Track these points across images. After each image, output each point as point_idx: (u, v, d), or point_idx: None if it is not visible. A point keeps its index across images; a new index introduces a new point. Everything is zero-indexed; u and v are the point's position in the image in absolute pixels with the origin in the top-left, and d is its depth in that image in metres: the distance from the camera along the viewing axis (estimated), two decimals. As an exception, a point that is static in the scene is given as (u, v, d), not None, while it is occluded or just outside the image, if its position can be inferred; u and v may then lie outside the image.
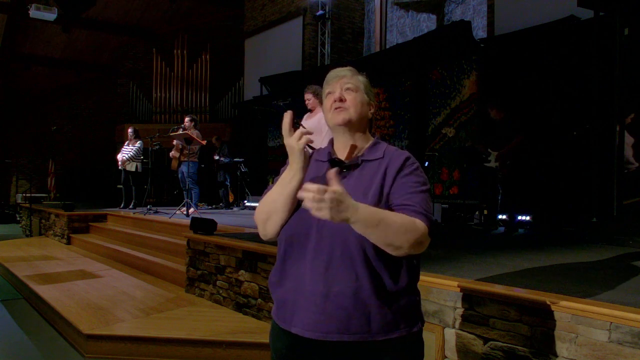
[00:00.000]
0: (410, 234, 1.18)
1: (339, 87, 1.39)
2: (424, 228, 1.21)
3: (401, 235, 1.17)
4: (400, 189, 1.28)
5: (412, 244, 1.18)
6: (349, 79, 1.40)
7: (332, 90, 1.40)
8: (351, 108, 1.37)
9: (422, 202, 1.26)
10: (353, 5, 10.39)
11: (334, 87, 1.40)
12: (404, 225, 1.19)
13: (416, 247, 1.20)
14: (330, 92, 1.41)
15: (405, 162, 1.32)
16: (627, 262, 3.25)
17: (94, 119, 15.32)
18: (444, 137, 6.79)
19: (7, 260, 5.97)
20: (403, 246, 1.18)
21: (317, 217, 1.18)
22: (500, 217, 5.64)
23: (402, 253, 1.20)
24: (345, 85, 1.39)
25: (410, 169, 1.31)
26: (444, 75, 6.92)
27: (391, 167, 1.32)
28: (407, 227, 1.18)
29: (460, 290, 2.26)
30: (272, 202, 1.33)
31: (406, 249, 1.19)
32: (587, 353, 1.84)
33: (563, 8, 5.50)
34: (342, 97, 1.37)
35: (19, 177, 14.27)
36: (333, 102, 1.38)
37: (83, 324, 3.39)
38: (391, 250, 1.19)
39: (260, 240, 3.70)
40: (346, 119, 1.36)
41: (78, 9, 9.65)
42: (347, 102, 1.37)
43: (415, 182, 1.29)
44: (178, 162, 7.32)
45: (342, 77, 1.40)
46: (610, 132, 4.68)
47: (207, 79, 13.05)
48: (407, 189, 1.28)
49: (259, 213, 1.37)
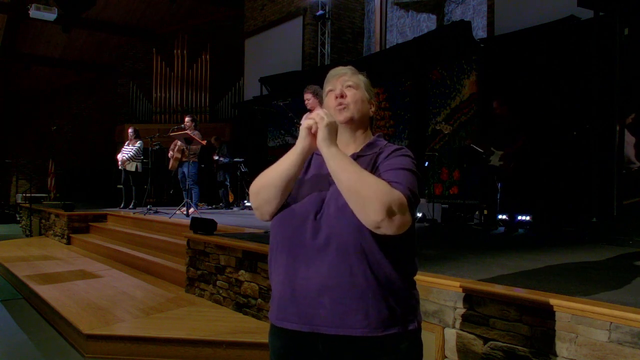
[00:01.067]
0: (380, 191, 1.15)
1: (339, 85, 1.41)
2: (399, 196, 1.17)
3: (370, 187, 1.15)
4: (382, 168, 1.28)
5: (382, 205, 1.13)
6: (349, 77, 1.42)
7: (333, 87, 1.42)
8: (351, 105, 1.39)
9: (401, 176, 1.24)
10: (353, 5, 10.40)
11: (334, 84, 1.42)
12: (377, 182, 1.18)
13: (388, 215, 1.14)
14: (331, 90, 1.43)
15: (395, 151, 1.33)
16: (627, 262, 3.26)
17: (94, 119, 15.31)
18: (442, 135, 6.78)
19: (7, 260, 5.96)
20: (370, 201, 1.14)
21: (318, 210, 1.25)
22: (500, 217, 5.64)
23: (370, 218, 1.16)
24: (346, 83, 1.41)
25: (397, 155, 1.31)
26: (444, 75, 6.92)
27: (381, 157, 1.33)
28: (379, 184, 1.17)
29: (460, 290, 2.25)
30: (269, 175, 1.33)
31: (374, 210, 1.14)
32: (587, 353, 1.84)
33: (563, 8, 5.50)
34: (343, 94, 1.39)
35: (19, 177, 14.27)
36: (335, 98, 1.40)
37: (83, 324, 3.39)
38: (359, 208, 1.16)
39: (261, 240, 3.72)
40: (348, 117, 1.38)
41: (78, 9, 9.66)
42: (347, 98, 1.39)
43: (398, 162, 1.28)
44: (178, 162, 7.33)
45: (342, 74, 1.42)
46: (610, 132, 4.68)
47: (207, 79, 13.05)
48: (387, 167, 1.28)
49: (256, 182, 1.37)
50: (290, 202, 1.32)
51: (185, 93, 13.13)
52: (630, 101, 4.57)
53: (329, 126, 1.24)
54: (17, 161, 14.09)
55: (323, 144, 1.24)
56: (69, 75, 14.82)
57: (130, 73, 14.00)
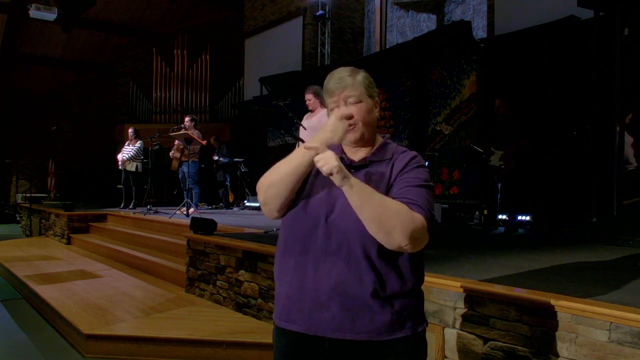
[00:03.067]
0: (404, 220, 1.17)
1: (343, 102, 1.37)
2: (421, 220, 1.20)
3: (394, 217, 1.16)
4: (399, 184, 1.28)
5: (406, 233, 1.16)
6: (350, 90, 1.36)
7: (337, 104, 1.38)
8: (360, 122, 1.36)
9: (419, 195, 1.25)
10: (353, 5, 10.39)
11: (337, 100, 1.37)
12: (399, 210, 1.18)
13: (412, 241, 1.17)
14: (334, 106, 1.39)
15: (410, 161, 1.33)
16: (627, 262, 3.26)
17: (94, 119, 15.30)
18: (443, 135, 6.77)
19: (7, 260, 5.96)
20: (395, 230, 1.16)
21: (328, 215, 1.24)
22: (500, 217, 5.64)
23: (394, 243, 1.18)
24: (349, 100, 1.36)
25: (412, 167, 1.31)
26: (444, 75, 6.92)
27: (396, 167, 1.32)
28: (401, 212, 1.18)
29: (460, 290, 2.26)
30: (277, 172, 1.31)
31: (399, 238, 1.16)
32: (587, 353, 1.84)
33: (563, 8, 5.50)
34: (349, 115, 1.34)
35: (19, 177, 14.26)
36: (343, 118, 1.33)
37: (83, 324, 3.39)
38: (383, 236, 1.18)
39: (261, 240, 3.72)
40: (357, 138, 1.37)
41: (78, 9, 9.66)
42: (354, 118, 1.35)
43: (414, 177, 1.29)
44: (178, 162, 7.33)
45: (344, 88, 1.36)
46: (610, 132, 4.68)
47: (207, 79, 13.05)
48: (405, 183, 1.28)
49: (264, 179, 1.34)
50: (302, 202, 1.32)
51: (185, 93, 13.13)
52: (630, 101, 4.57)
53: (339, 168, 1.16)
54: (17, 161, 14.09)
55: (339, 183, 1.19)
56: (69, 75, 14.82)
57: (130, 73, 14.00)
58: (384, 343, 1.24)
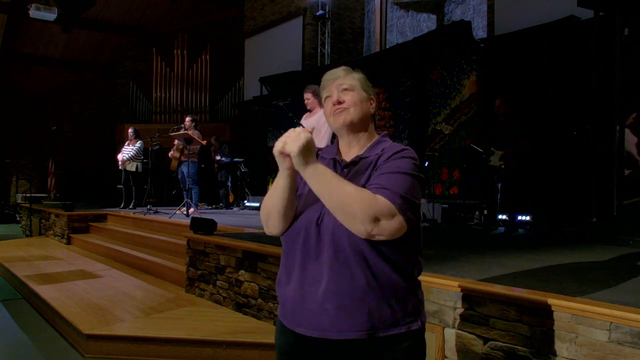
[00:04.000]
0: (364, 204, 1.15)
1: (335, 90, 1.38)
2: (385, 204, 1.17)
3: (354, 201, 1.15)
4: (375, 174, 1.26)
5: (367, 216, 1.14)
6: (343, 79, 1.39)
7: (330, 93, 1.39)
8: (351, 108, 1.36)
9: (391, 180, 1.22)
10: (353, 5, 10.39)
11: (330, 90, 1.39)
12: (361, 195, 1.17)
13: (376, 225, 1.15)
14: (328, 96, 1.40)
15: (396, 152, 1.30)
16: (627, 262, 3.26)
17: (94, 119, 15.29)
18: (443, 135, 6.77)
19: (7, 260, 5.96)
20: (357, 215, 1.15)
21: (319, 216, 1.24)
22: (500, 217, 5.64)
23: (359, 229, 1.17)
24: (341, 87, 1.38)
25: (395, 158, 1.28)
26: (444, 75, 6.92)
27: (381, 159, 1.30)
28: (363, 197, 1.16)
29: (460, 290, 2.26)
30: (269, 202, 1.33)
31: (361, 222, 1.15)
32: (587, 353, 1.84)
33: (563, 8, 5.50)
34: (340, 99, 1.36)
35: (19, 177, 14.25)
36: (332, 105, 1.38)
37: (83, 324, 3.39)
38: (348, 221, 1.17)
39: (261, 240, 3.72)
40: (347, 120, 1.36)
41: (78, 9, 9.65)
42: (345, 102, 1.36)
43: (393, 166, 1.26)
44: (178, 162, 7.33)
45: (336, 78, 1.39)
46: (610, 132, 4.68)
47: (207, 79, 13.05)
48: (381, 171, 1.26)
49: (262, 210, 1.38)
50: (299, 210, 1.33)
51: (185, 93, 13.13)
52: (630, 101, 4.57)
53: (301, 148, 1.17)
54: (17, 161, 14.09)
55: (299, 168, 1.20)
56: (69, 75, 14.81)
57: (130, 73, 14.00)
58: (382, 340, 1.24)
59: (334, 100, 1.37)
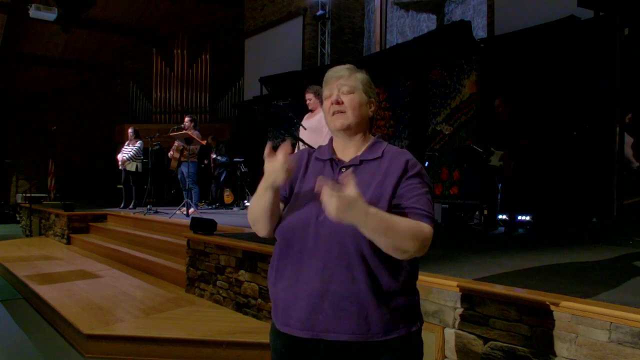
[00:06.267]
0: (417, 238, 1.19)
1: (336, 89, 1.37)
2: (429, 231, 1.23)
3: (408, 241, 1.18)
4: (407, 192, 1.28)
5: (419, 248, 1.20)
6: (346, 79, 1.37)
7: (330, 92, 1.39)
8: (349, 111, 1.35)
9: (427, 204, 1.28)
10: (353, 5, 10.39)
11: (331, 89, 1.38)
12: (412, 230, 1.19)
13: (421, 250, 1.21)
14: (328, 95, 1.39)
15: (408, 163, 1.32)
16: (627, 262, 3.25)
17: (94, 119, 15.28)
18: (443, 135, 6.77)
19: (7, 260, 5.96)
20: (409, 250, 1.19)
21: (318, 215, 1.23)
22: (500, 217, 5.63)
23: (407, 257, 1.22)
24: (342, 88, 1.36)
25: (414, 171, 1.31)
26: (444, 75, 6.92)
27: (394, 168, 1.30)
28: (414, 232, 1.19)
29: (460, 290, 2.26)
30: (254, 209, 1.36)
31: (412, 253, 1.20)
32: (587, 353, 1.84)
33: (563, 8, 5.49)
34: (339, 100, 1.35)
35: (19, 177, 14.25)
36: (331, 105, 1.37)
37: (83, 324, 3.39)
38: (398, 254, 1.20)
39: (261, 240, 3.71)
40: (344, 125, 1.35)
41: (78, 9, 9.66)
42: (344, 104, 1.35)
43: (420, 183, 1.30)
44: (177, 163, 7.33)
45: (339, 77, 1.38)
46: (610, 132, 4.68)
47: (207, 79, 13.05)
48: (414, 191, 1.28)
49: (249, 215, 1.41)
50: (293, 207, 1.33)
51: (185, 93, 13.13)
52: (630, 101, 4.57)
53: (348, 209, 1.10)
54: (17, 161, 14.08)
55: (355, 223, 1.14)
56: (69, 75, 14.80)
57: (130, 73, 14.00)
58: (379, 343, 1.24)
59: (333, 99, 1.37)
